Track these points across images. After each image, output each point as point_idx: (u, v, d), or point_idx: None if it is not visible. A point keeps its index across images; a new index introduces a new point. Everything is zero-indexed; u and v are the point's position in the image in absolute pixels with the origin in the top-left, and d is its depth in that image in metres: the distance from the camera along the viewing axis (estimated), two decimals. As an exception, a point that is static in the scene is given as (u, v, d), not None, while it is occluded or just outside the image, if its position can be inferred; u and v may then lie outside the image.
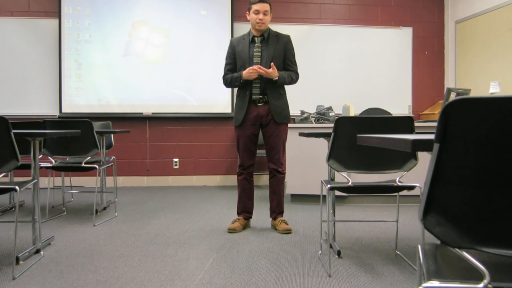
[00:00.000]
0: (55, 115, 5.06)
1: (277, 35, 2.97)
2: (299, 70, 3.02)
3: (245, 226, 3.05)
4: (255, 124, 2.94)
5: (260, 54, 2.92)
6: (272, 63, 2.82)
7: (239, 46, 2.97)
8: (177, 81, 5.22)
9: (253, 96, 2.92)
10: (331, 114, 3.89)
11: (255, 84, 2.90)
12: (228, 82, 3.00)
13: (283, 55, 2.94)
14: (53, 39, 5.08)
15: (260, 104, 2.93)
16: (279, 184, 3.00)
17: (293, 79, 2.96)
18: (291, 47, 2.98)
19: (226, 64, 3.02)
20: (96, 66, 5.12)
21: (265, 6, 2.86)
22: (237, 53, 2.97)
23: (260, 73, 2.81)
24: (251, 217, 3.10)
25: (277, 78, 2.84)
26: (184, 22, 5.21)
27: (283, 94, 2.98)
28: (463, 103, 0.84)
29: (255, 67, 2.81)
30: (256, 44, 2.94)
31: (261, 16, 2.85)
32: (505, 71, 4.52)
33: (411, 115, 4.99)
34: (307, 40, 5.31)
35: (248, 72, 2.82)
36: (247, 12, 2.94)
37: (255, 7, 2.87)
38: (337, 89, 5.35)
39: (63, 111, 5.07)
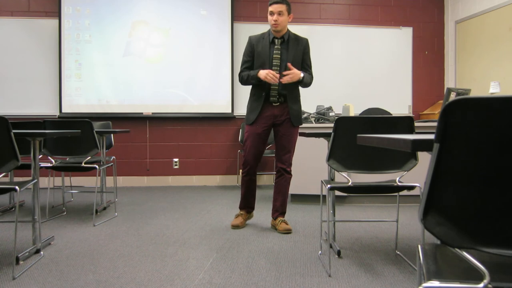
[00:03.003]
0: (55, 115, 5.06)
1: (296, 38, 2.96)
2: None
3: (248, 218, 3.15)
4: (267, 123, 2.94)
5: (279, 56, 2.91)
6: (289, 64, 2.82)
7: (258, 46, 2.95)
8: (177, 81, 5.22)
9: (271, 98, 2.91)
10: (331, 114, 3.89)
11: (273, 86, 2.88)
12: (244, 79, 2.98)
13: (301, 58, 2.95)
14: (53, 39, 5.07)
15: (275, 104, 2.93)
16: (286, 184, 3.00)
17: (310, 82, 2.98)
18: (308, 51, 2.99)
19: (244, 62, 3.00)
20: (96, 66, 5.12)
21: (278, 7, 2.84)
22: (256, 52, 2.94)
23: (287, 81, 2.79)
24: (253, 210, 3.16)
25: (302, 75, 2.84)
26: (184, 22, 5.21)
27: (298, 97, 3.00)
28: (463, 103, 0.84)
29: (273, 75, 2.79)
30: (276, 46, 2.92)
31: (275, 17, 2.84)
32: (505, 71, 4.52)
33: (411, 115, 4.99)
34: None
35: (267, 76, 2.79)
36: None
37: (269, 8, 2.87)
38: (337, 89, 5.35)
39: (63, 111, 5.07)
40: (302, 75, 2.84)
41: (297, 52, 2.92)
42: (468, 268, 0.93)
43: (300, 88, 2.99)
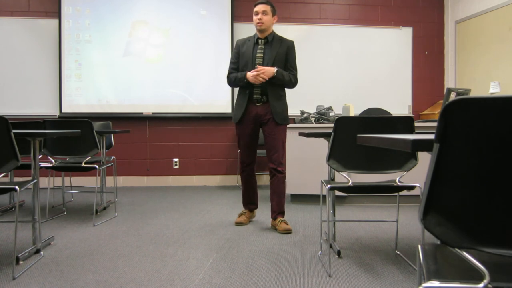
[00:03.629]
0: (55, 115, 5.06)
1: (281, 39, 3.02)
2: (299, 71, 3.05)
3: (251, 217, 3.24)
4: (254, 123, 3.00)
5: (262, 55, 2.96)
6: (257, 65, 2.88)
7: (243, 47, 3.04)
8: (177, 81, 5.22)
9: (255, 96, 2.96)
10: (331, 114, 3.89)
11: (257, 85, 2.93)
12: (232, 81, 3.06)
13: (284, 58, 2.98)
14: (53, 39, 5.07)
15: (259, 104, 2.97)
16: (279, 184, 3.01)
17: (292, 81, 2.99)
18: (293, 52, 3.02)
19: (231, 63, 3.09)
20: (96, 66, 5.12)
21: (262, 7, 2.93)
22: (241, 53, 3.04)
23: (262, 76, 2.84)
24: (256, 208, 3.24)
25: (276, 69, 2.87)
26: (184, 22, 5.21)
27: (283, 96, 3.03)
28: (463, 103, 0.84)
29: (254, 73, 2.84)
30: (259, 46, 2.99)
31: (259, 16, 2.93)
32: (505, 71, 4.52)
33: (411, 115, 4.99)
34: (307, 40, 5.30)
35: (254, 78, 2.86)
36: None
37: (255, 9, 2.97)
38: (337, 89, 5.35)
39: (63, 111, 5.06)
40: (275, 69, 2.87)
41: (280, 51, 2.96)
42: (468, 268, 0.93)
43: (287, 89, 3.04)
